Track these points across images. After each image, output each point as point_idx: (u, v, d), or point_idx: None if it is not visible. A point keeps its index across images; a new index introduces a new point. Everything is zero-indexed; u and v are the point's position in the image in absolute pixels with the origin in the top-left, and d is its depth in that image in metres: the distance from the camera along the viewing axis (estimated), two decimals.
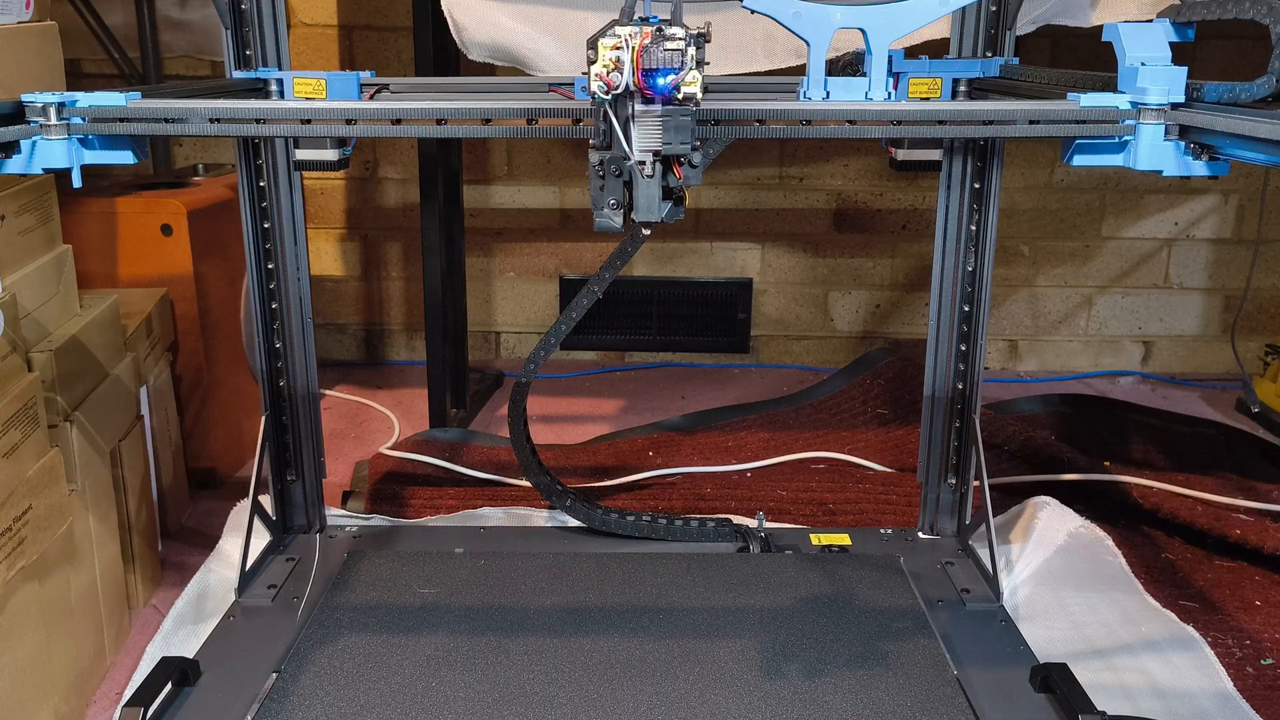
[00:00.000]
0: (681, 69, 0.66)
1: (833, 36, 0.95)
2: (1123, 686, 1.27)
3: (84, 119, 0.91)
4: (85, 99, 0.92)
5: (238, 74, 1.33)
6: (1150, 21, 0.97)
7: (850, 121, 0.93)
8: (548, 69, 1.60)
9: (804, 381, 2.42)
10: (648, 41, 0.66)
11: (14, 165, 0.90)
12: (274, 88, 1.30)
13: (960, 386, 1.49)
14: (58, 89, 0.96)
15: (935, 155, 1.41)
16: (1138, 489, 1.72)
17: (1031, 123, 0.94)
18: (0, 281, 1.26)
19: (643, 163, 0.69)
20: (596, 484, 1.81)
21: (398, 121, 0.96)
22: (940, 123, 0.94)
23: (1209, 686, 1.28)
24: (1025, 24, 1.51)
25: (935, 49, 1.43)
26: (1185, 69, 0.91)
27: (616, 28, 0.66)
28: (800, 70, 1.32)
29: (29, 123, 0.90)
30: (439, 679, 1.19)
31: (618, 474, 1.84)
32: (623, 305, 2.53)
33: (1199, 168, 0.90)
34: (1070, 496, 1.67)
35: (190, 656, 1.22)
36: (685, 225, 2.52)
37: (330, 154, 1.35)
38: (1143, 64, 0.92)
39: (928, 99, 1.21)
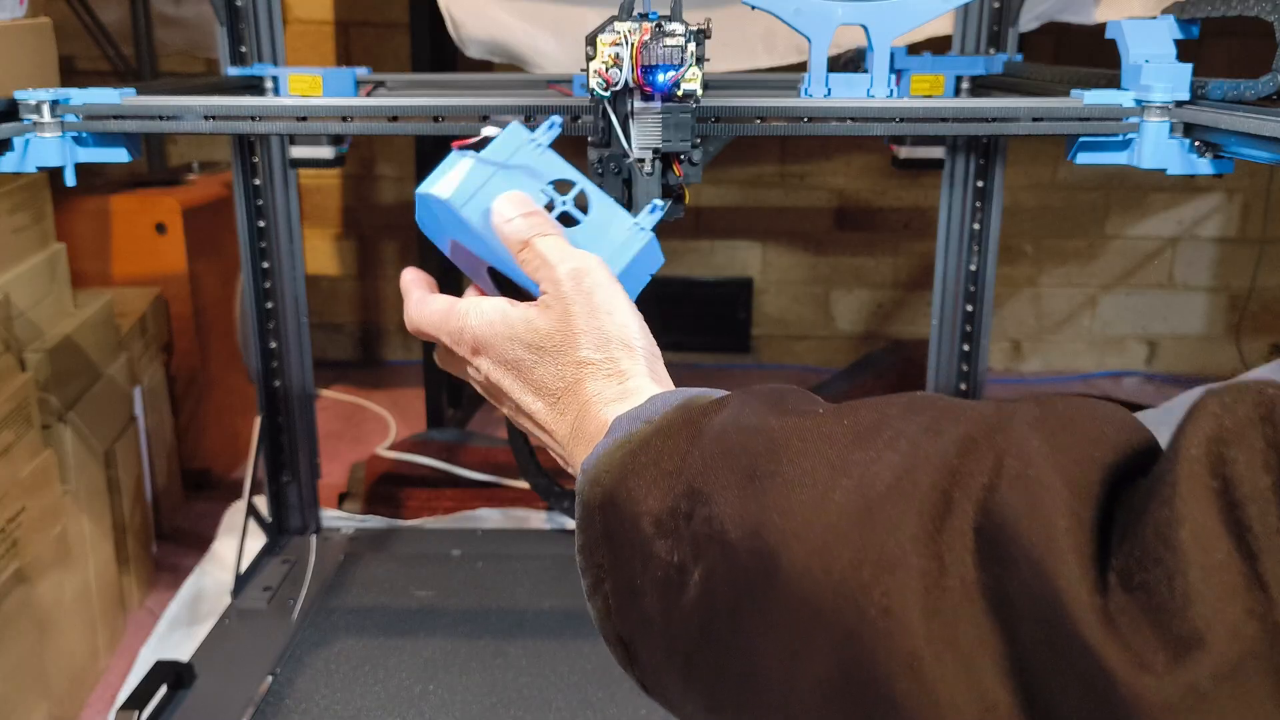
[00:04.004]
0: (681, 65, 0.65)
1: (834, 33, 0.94)
2: None
3: (78, 116, 0.89)
4: (79, 96, 0.90)
5: (233, 71, 1.32)
6: (1154, 18, 0.96)
7: (852, 119, 0.92)
8: (546, 66, 1.59)
9: (805, 382, 2.41)
10: (647, 38, 0.64)
11: (7, 163, 0.89)
12: (269, 84, 1.28)
13: (963, 387, 1.47)
14: (52, 86, 0.95)
15: (938, 153, 1.40)
16: None
17: (1035, 120, 0.93)
18: None
19: (642, 160, 0.68)
20: None
21: (394, 119, 0.95)
22: (943, 120, 0.92)
23: None
24: (1028, 20, 1.50)
25: (938, 46, 1.42)
26: (1190, 66, 0.90)
27: (615, 24, 0.65)
28: (801, 67, 1.31)
29: (22, 120, 0.88)
30: (436, 682, 1.18)
31: None
32: None
33: (1203, 166, 0.89)
34: None
35: (185, 660, 1.21)
36: (685, 224, 2.51)
37: (326, 151, 1.34)
38: (1147, 61, 0.91)
39: (930, 96, 1.20)
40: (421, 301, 0.56)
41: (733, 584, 0.38)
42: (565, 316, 0.50)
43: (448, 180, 0.55)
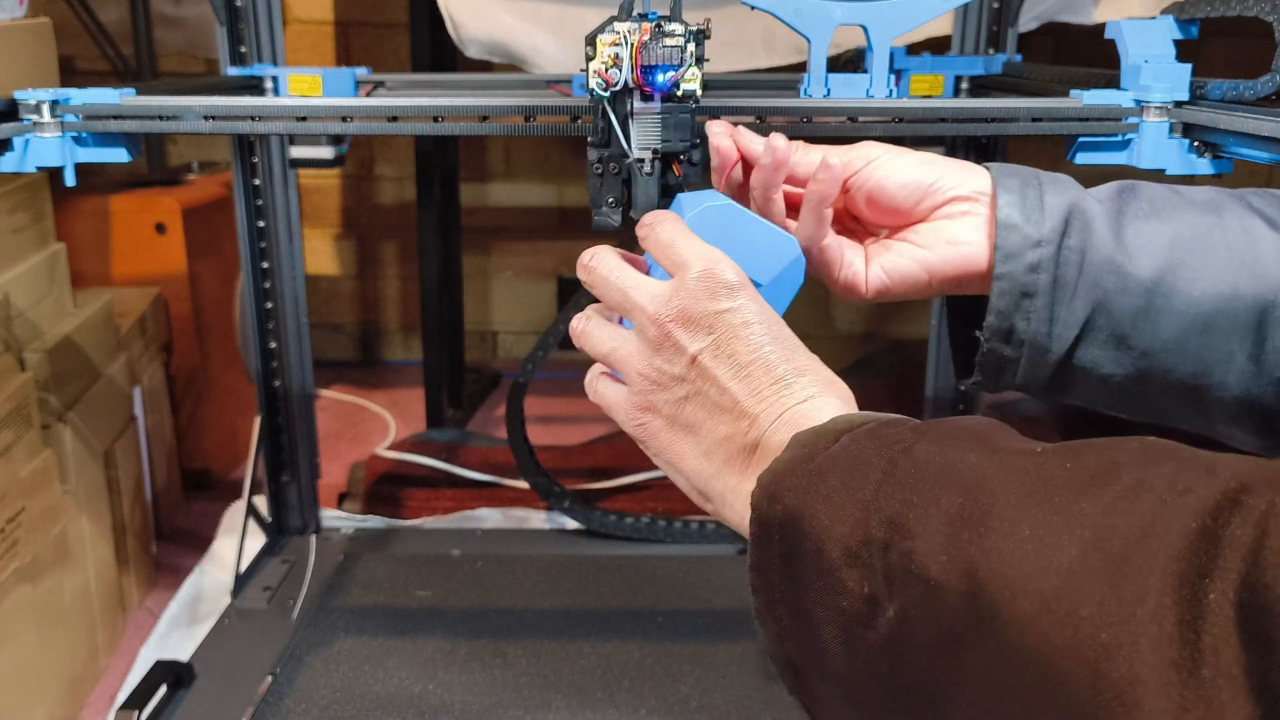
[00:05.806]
0: (681, 65, 0.65)
1: (834, 33, 0.94)
2: None
3: (78, 116, 0.90)
4: (79, 96, 0.90)
5: (232, 71, 1.32)
6: (1154, 18, 0.96)
7: (851, 119, 0.92)
8: (545, 66, 1.59)
9: None
10: (646, 38, 0.64)
11: (7, 163, 0.89)
12: (269, 84, 1.29)
13: (963, 387, 1.48)
14: (51, 86, 0.95)
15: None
16: None
17: (1034, 120, 0.93)
18: None
19: (641, 160, 0.68)
20: (595, 485, 1.80)
21: (394, 119, 0.95)
22: (942, 120, 0.93)
23: None
24: (1028, 20, 1.50)
25: (938, 46, 1.42)
26: (1189, 66, 0.90)
27: (615, 24, 0.65)
28: (801, 67, 1.31)
29: (22, 120, 0.89)
30: (435, 682, 1.18)
31: (616, 475, 1.83)
32: None
33: (1203, 166, 0.90)
34: None
35: (185, 660, 1.21)
36: None
37: (325, 152, 1.34)
38: (1146, 61, 0.91)
39: (930, 96, 1.20)
40: (685, 233, 0.56)
41: (936, 627, 0.36)
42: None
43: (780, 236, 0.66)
